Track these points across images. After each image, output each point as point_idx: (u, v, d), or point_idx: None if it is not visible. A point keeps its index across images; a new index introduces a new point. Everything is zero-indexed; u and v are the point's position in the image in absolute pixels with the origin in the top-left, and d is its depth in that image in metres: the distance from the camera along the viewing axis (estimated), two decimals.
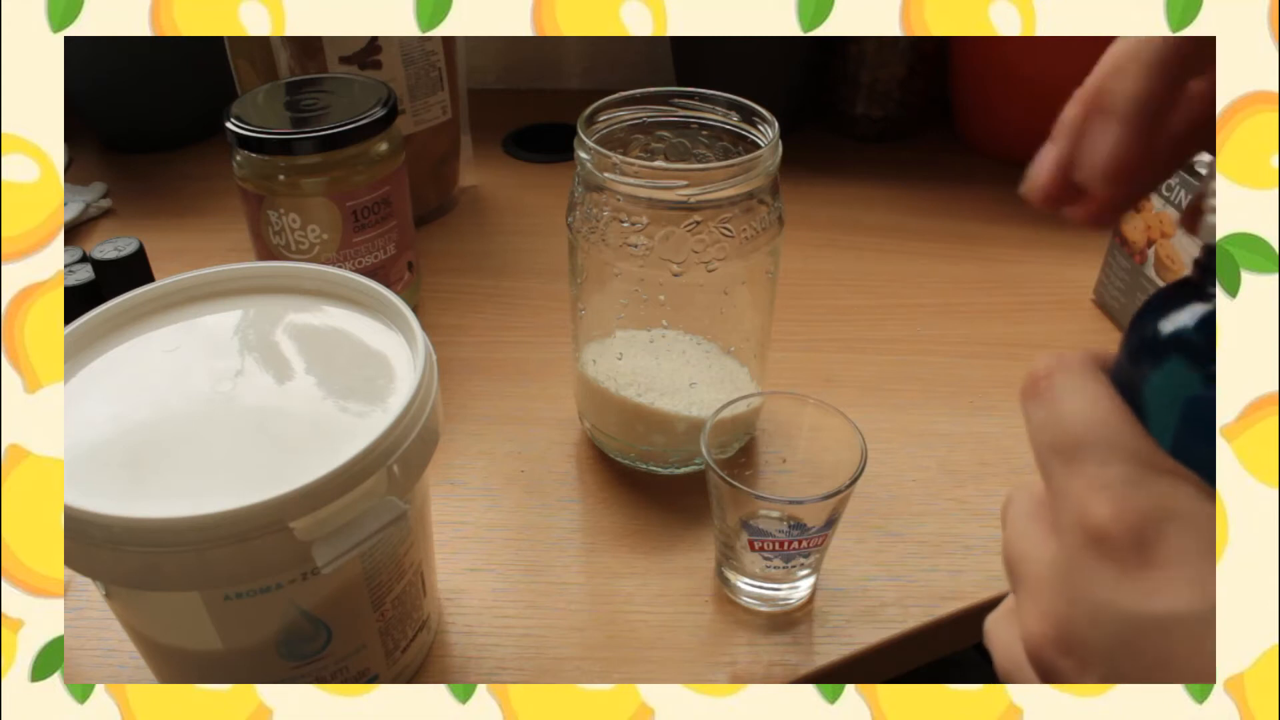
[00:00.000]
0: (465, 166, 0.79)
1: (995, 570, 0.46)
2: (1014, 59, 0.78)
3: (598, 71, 0.99)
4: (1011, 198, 0.69)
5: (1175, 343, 0.27)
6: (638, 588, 0.46)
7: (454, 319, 0.65)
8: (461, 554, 0.47)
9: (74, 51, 0.71)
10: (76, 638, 0.43)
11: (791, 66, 0.84)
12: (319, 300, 0.40)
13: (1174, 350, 0.27)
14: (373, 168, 0.56)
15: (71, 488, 0.31)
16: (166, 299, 0.40)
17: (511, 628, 0.44)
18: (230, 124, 0.54)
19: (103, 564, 0.31)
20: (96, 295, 0.57)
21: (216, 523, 0.29)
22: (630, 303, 0.48)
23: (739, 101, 0.47)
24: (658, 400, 0.49)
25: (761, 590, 0.44)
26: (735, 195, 0.43)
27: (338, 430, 0.34)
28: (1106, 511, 0.24)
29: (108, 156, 0.86)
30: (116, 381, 0.36)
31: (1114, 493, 0.25)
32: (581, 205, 0.46)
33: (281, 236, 0.57)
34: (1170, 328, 0.27)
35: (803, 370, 0.60)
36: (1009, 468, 0.52)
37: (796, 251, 0.70)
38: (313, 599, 0.34)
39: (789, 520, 0.43)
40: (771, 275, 0.48)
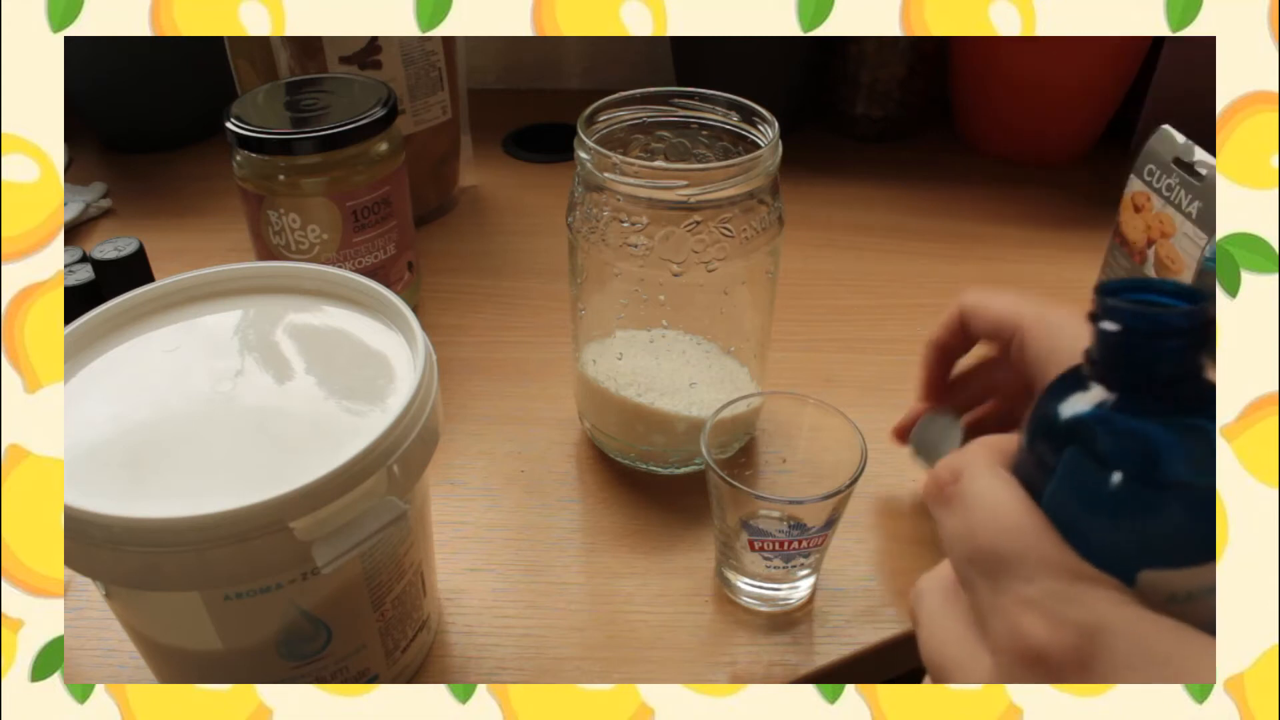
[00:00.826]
0: (465, 166, 0.79)
1: None
2: (1014, 59, 0.78)
3: (598, 71, 0.99)
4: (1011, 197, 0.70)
5: (1071, 431, 0.26)
6: (638, 588, 0.46)
7: (454, 319, 0.65)
8: (461, 554, 0.47)
9: (74, 51, 0.71)
10: (76, 638, 0.43)
11: (791, 66, 0.84)
12: (319, 300, 0.40)
13: (1071, 439, 0.26)
14: (373, 168, 0.56)
15: (71, 488, 0.31)
16: (166, 299, 0.40)
17: (511, 628, 0.44)
18: (230, 124, 0.54)
19: (103, 564, 0.31)
20: (96, 295, 0.57)
21: (216, 523, 0.29)
22: (630, 303, 0.48)
23: (739, 101, 0.47)
24: (658, 400, 0.49)
25: (761, 590, 0.44)
26: (735, 195, 0.43)
27: (338, 430, 0.34)
28: (1041, 632, 0.25)
29: (108, 156, 0.86)
30: (116, 381, 0.36)
31: (1044, 610, 0.25)
32: (581, 205, 0.46)
33: (281, 236, 0.57)
34: (1068, 414, 0.26)
35: (803, 370, 0.60)
36: None
37: (796, 251, 0.70)
38: (313, 599, 0.34)
39: (789, 520, 0.43)
40: (771, 275, 0.48)
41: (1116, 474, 0.25)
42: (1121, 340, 0.25)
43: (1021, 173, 0.83)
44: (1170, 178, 0.59)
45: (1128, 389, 0.25)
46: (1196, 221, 0.57)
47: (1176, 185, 0.58)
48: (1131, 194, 0.62)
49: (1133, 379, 0.25)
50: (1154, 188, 0.60)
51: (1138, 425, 0.25)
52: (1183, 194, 0.58)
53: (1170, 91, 0.76)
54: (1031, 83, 0.79)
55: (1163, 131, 0.60)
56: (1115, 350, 0.25)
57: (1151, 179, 0.60)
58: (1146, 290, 0.25)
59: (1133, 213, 0.62)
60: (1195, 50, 0.74)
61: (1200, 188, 0.57)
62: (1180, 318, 0.24)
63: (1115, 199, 0.65)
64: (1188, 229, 0.58)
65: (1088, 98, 0.80)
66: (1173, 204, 0.59)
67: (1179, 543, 0.25)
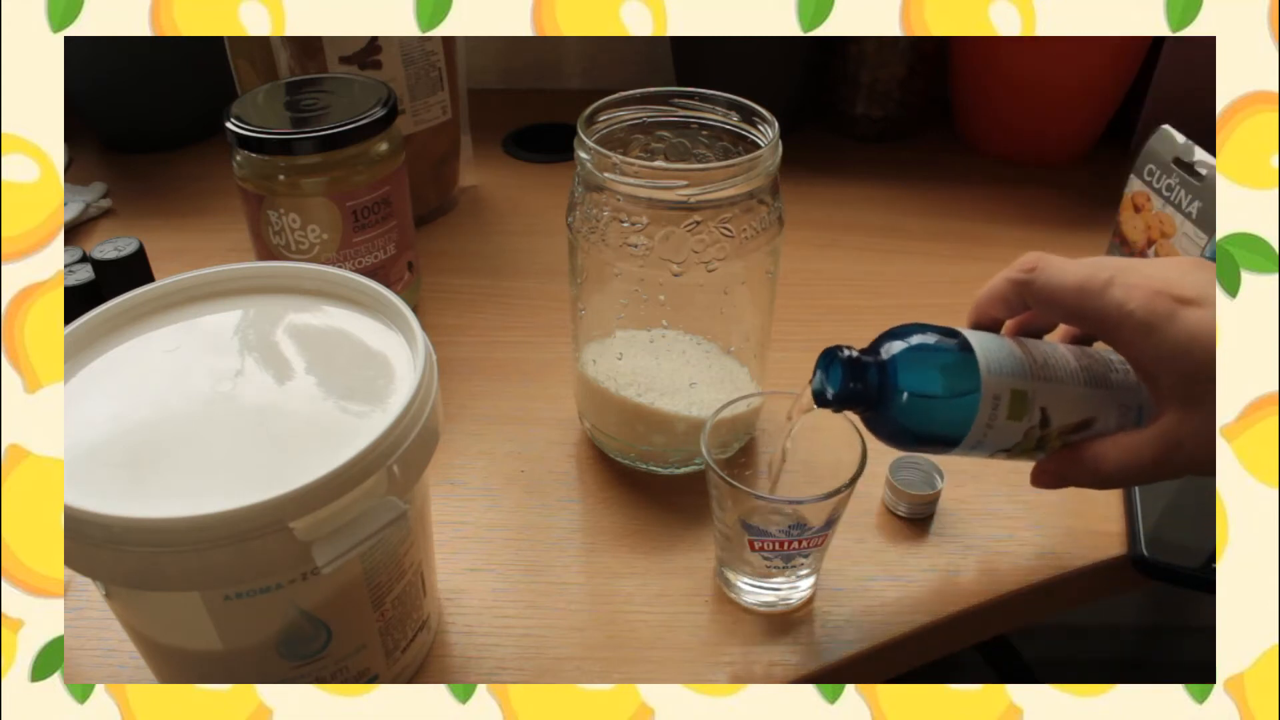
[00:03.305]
0: (465, 166, 0.79)
1: (995, 570, 0.46)
2: (1014, 59, 0.78)
3: (598, 71, 0.99)
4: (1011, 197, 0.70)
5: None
6: (638, 588, 0.46)
7: (454, 319, 0.65)
8: (461, 554, 0.47)
9: (74, 51, 0.71)
10: (76, 638, 0.43)
11: (791, 67, 0.84)
12: (319, 300, 0.40)
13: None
14: (373, 168, 0.56)
15: (71, 488, 0.31)
16: (166, 299, 0.40)
17: (511, 628, 0.44)
18: (230, 124, 0.54)
19: (103, 564, 0.31)
20: (96, 295, 0.57)
21: (216, 523, 0.29)
22: (630, 303, 0.48)
23: (739, 101, 0.47)
24: (658, 400, 0.49)
25: (761, 590, 0.44)
26: (735, 195, 0.43)
27: (338, 430, 0.34)
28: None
29: (108, 156, 0.86)
30: (116, 381, 0.36)
31: None
32: (581, 205, 0.46)
33: (281, 236, 0.57)
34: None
35: (803, 370, 0.59)
36: (1008, 468, 0.52)
37: (796, 251, 0.70)
38: (313, 599, 0.34)
39: (789, 520, 0.43)
40: (771, 275, 0.48)
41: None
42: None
43: (1021, 173, 0.83)
44: (1170, 178, 0.59)
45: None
46: (1196, 221, 0.57)
47: (1176, 185, 0.58)
48: (1131, 194, 0.62)
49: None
50: (1154, 188, 0.60)
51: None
52: (1183, 194, 0.58)
53: (1170, 91, 0.77)
54: (1031, 83, 0.79)
55: (1163, 131, 0.60)
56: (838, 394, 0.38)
57: (1151, 179, 0.60)
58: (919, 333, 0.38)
59: (1133, 213, 0.62)
60: (1195, 50, 0.74)
61: (1200, 188, 0.57)
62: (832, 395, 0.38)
63: (1115, 199, 0.65)
64: (1188, 229, 0.58)
65: (1088, 98, 0.80)
66: (1173, 204, 0.59)
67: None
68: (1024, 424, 0.37)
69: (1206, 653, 0.35)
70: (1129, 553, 0.46)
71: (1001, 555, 0.47)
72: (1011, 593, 0.45)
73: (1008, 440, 0.38)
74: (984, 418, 0.36)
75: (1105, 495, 0.50)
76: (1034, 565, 0.46)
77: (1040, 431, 0.38)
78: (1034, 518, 0.49)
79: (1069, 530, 0.48)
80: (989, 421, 0.37)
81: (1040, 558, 0.47)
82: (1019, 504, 0.50)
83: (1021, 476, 0.51)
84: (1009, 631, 0.90)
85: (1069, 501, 0.50)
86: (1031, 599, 0.46)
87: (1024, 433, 0.38)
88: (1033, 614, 0.47)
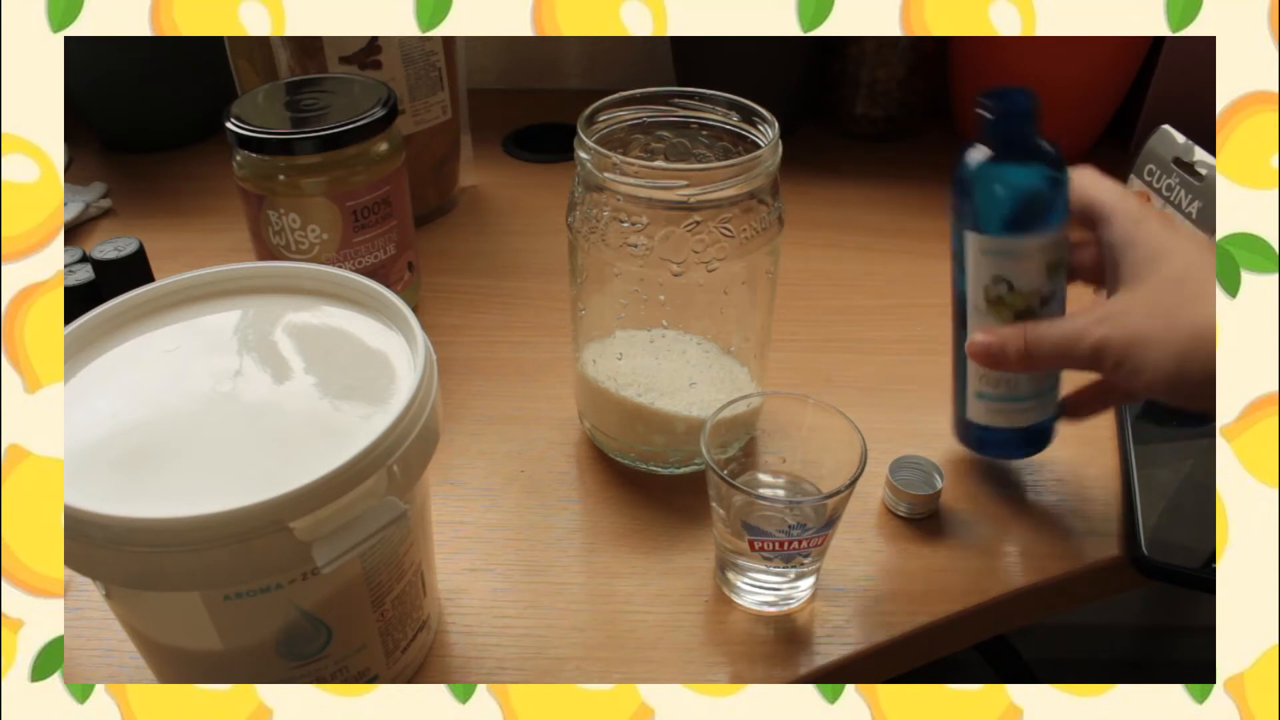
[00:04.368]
0: (465, 166, 0.79)
1: (995, 570, 0.46)
2: (1014, 59, 0.78)
3: (598, 71, 0.99)
4: None
5: (971, 171, 0.43)
6: (638, 588, 0.46)
7: (454, 319, 0.65)
8: (461, 554, 0.47)
9: (74, 51, 0.71)
10: (76, 638, 0.43)
11: (791, 66, 0.84)
12: (319, 300, 0.40)
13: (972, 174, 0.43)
14: (373, 168, 0.56)
15: (71, 488, 0.31)
16: (166, 299, 0.40)
17: (511, 628, 0.44)
18: (230, 124, 0.54)
19: (103, 564, 0.31)
20: (96, 295, 0.57)
21: (216, 523, 0.29)
22: (630, 303, 0.48)
23: (739, 101, 0.47)
24: (658, 400, 0.49)
25: (761, 590, 0.44)
26: (735, 195, 0.43)
27: (338, 430, 0.34)
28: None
29: (108, 156, 0.86)
30: (116, 381, 0.36)
31: None
32: (581, 205, 0.46)
33: (281, 236, 0.57)
34: (970, 162, 0.43)
35: (803, 370, 0.60)
36: (1008, 467, 0.52)
37: (796, 251, 0.70)
38: (313, 599, 0.34)
39: (789, 520, 0.43)
40: (771, 275, 0.48)
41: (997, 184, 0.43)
42: (988, 119, 0.42)
43: None
44: (1170, 178, 0.59)
45: (994, 147, 0.42)
46: (1197, 221, 0.57)
47: (1176, 185, 0.58)
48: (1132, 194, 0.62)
49: (995, 140, 0.42)
50: (1154, 188, 0.60)
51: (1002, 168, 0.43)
52: (1183, 194, 0.58)
53: (1170, 91, 0.77)
54: (1031, 83, 0.78)
55: (1163, 131, 0.60)
56: (987, 125, 0.42)
57: (1151, 179, 0.60)
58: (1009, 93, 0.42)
59: None
60: (1195, 50, 0.74)
61: (1200, 188, 0.57)
62: (1020, 101, 0.42)
63: None
64: (1188, 229, 0.58)
65: (1088, 98, 0.80)
66: (1173, 204, 0.59)
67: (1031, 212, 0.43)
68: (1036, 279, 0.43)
69: (1206, 653, 0.35)
70: (1129, 553, 0.46)
71: (1001, 555, 0.47)
72: (1011, 593, 0.45)
73: (1021, 275, 0.43)
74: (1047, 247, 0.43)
75: (1105, 495, 0.50)
76: (1034, 565, 0.46)
77: (1008, 295, 0.44)
78: (1034, 518, 0.49)
79: (1069, 530, 0.48)
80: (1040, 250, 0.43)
81: (1040, 557, 0.47)
82: (1019, 504, 0.50)
83: (1021, 476, 0.51)
84: (1009, 631, 0.89)
85: (1069, 501, 0.50)
86: (1031, 599, 0.46)
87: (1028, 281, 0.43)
88: (1033, 614, 0.47)
